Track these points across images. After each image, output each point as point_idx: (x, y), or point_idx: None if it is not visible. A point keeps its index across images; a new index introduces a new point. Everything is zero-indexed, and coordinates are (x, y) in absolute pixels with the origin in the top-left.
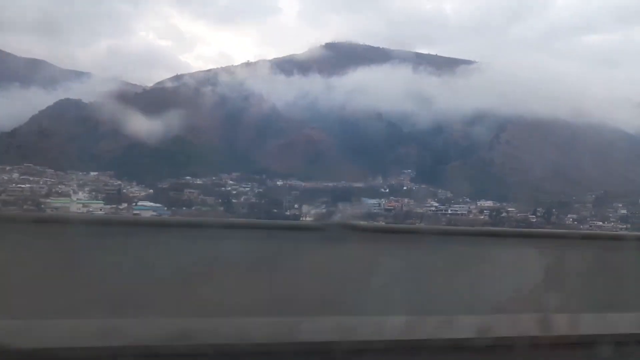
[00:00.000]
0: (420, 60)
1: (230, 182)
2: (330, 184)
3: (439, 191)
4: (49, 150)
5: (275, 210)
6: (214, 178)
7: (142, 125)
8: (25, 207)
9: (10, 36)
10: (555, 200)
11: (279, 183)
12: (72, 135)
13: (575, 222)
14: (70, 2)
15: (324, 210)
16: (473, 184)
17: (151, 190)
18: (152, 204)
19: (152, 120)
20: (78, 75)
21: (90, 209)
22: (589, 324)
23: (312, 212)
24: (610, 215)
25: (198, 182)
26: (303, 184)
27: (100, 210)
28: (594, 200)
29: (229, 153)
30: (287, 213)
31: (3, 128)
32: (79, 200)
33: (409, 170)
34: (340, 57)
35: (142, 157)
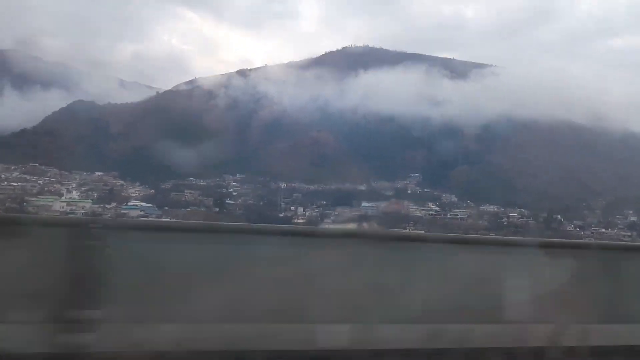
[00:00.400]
0: (434, 64)
1: (233, 183)
2: (333, 187)
3: (443, 195)
4: (56, 150)
5: (269, 213)
6: (218, 180)
7: (151, 128)
8: (7, 205)
9: (40, 41)
10: (562, 206)
11: (282, 185)
12: (82, 136)
13: (577, 229)
14: (96, 7)
15: (316, 213)
16: (479, 189)
17: (152, 191)
18: (143, 204)
19: (161, 123)
20: (98, 78)
21: (74, 208)
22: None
23: (307, 214)
24: (619, 222)
25: (201, 183)
26: (306, 186)
27: (83, 208)
28: (604, 206)
29: (236, 155)
30: (281, 215)
31: (17, 128)
32: (67, 199)
33: (416, 174)
34: (355, 60)
35: (148, 158)
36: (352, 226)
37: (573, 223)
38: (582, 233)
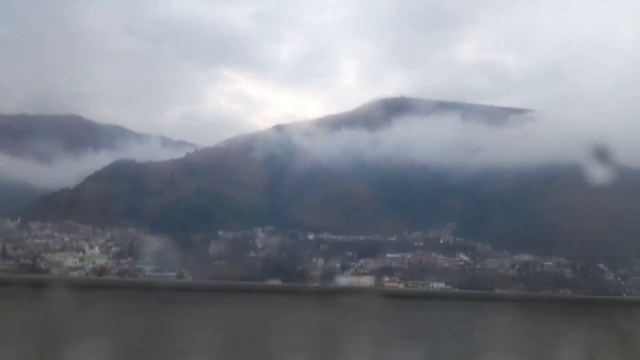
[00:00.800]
0: (470, 110)
1: (261, 235)
2: (362, 238)
3: (477, 245)
4: (92, 207)
5: (288, 266)
6: (248, 232)
7: (186, 184)
8: (21, 260)
9: (96, 106)
10: (607, 254)
11: (310, 237)
12: (120, 194)
13: (619, 278)
14: (149, 74)
15: (338, 265)
16: (517, 237)
17: (180, 246)
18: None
19: (198, 179)
20: (144, 138)
21: (86, 263)
22: None
23: (327, 267)
24: None
25: (229, 236)
26: (334, 237)
27: (93, 264)
28: None
29: (269, 208)
30: (299, 268)
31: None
32: (85, 255)
33: (451, 223)
34: (391, 111)
35: (181, 213)
36: (367, 281)
37: (617, 272)
38: (623, 283)
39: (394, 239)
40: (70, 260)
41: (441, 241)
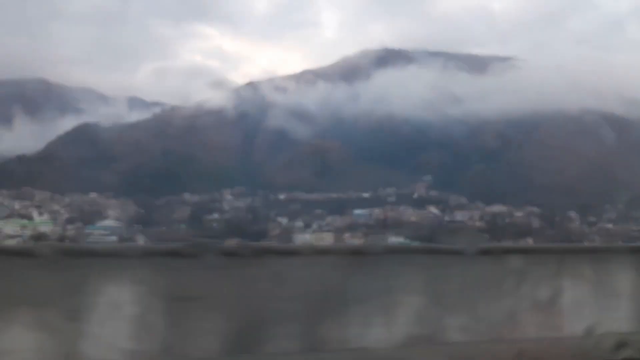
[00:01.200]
0: (452, 60)
1: (229, 197)
2: (335, 196)
3: (451, 197)
4: (52, 174)
5: (252, 226)
6: (216, 194)
7: (153, 146)
8: None
9: (65, 69)
10: (582, 202)
11: (281, 197)
12: (83, 159)
13: (585, 226)
14: (118, 33)
15: (301, 224)
16: (495, 189)
17: (143, 210)
18: (111, 223)
19: (166, 141)
20: (116, 100)
21: (26, 231)
22: None
23: (289, 226)
24: None
25: (195, 199)
26: (306, 196)
27: (33, 231)
28: (628, 199)
29: (240, 169)
30: (258, 228)
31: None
32: (29, 222)
33: (428, 177)
34: (372, 63)
35: (146, 177)
36: (327, 238)
37: (586, 220)
38: (588, 230)
39: (367, 195)
40: (9, 228)
41: (415, 195)
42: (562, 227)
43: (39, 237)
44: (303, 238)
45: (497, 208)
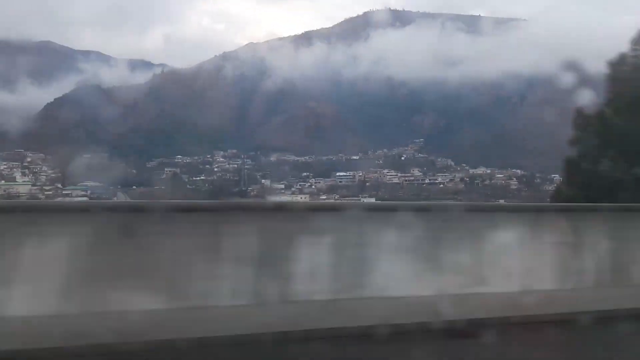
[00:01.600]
0: (452, 21)
1: (221, 159)
2: (324, 158)
3: (438, 160)
4: (48, 135)
5: (235, 188)
6: (208, 156)
7: (150, 108)
8: None
9: (74, 32)
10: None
11: (272, 159)
12: (80, 120)
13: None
14: None
15: (282, 185)
16: (483, 151)
17: (134, 171)
18: (92, 184)
19: (163, 103)
20: (121, 62)
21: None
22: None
23: (274, 187)
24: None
25: (187, 160)
26: (296, 158)
27: (5, 191)
28: None
29: (234, 131)
30: (244, 189)
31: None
32: (8, 183)
33: (419, 140)
34: (372, 25)
35: (140, 138)
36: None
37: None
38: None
39: (357, 158)
40: None
41: (403, 158)
42: (538, 188)
43: (8, 197)
44: (278, 198)
45: (481, 170)
